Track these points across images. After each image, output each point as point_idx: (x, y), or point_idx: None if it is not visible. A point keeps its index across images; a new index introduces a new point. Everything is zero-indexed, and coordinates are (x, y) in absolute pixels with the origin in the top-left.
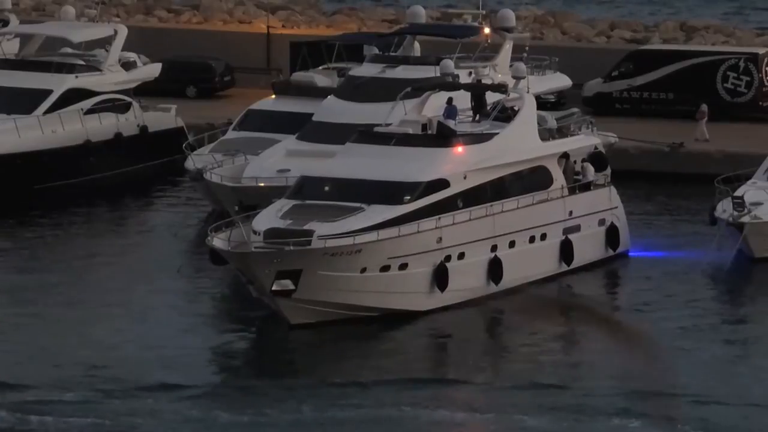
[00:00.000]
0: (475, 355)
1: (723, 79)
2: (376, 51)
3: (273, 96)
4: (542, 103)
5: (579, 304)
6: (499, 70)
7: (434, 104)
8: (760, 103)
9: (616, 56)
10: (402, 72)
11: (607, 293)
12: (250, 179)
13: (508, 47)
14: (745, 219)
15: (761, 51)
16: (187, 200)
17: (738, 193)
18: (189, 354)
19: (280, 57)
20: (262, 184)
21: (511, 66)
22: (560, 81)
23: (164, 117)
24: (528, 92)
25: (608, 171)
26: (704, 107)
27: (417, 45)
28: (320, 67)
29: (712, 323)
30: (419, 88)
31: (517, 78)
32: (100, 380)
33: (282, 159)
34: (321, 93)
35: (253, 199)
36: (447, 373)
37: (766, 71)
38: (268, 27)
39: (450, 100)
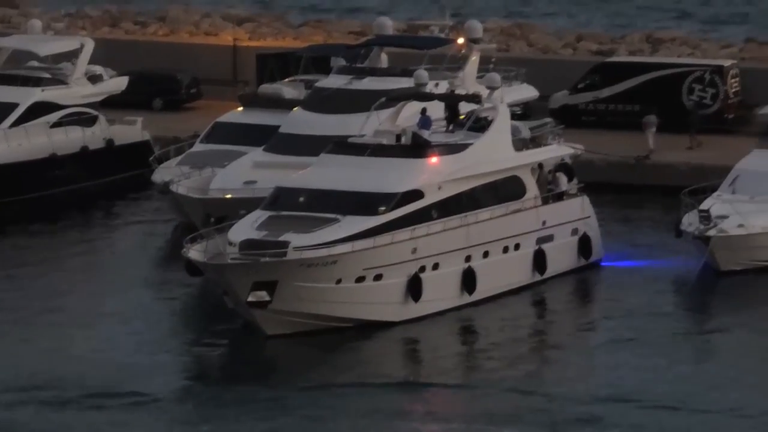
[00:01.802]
0: (450, 364)
1: (689, 91)
2: (343, 62)
3: (240, 108)
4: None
5: (552, 313)
6: (467, 81)
7: (408, 115)
8: (726, 115)
9: (583, 68)
10: (369, 83)
11: (580, 302)
12: (217, 191)
13: (475, 58)
14: (712, 233)
15: (726, 63)
16: (154, 213)
17: (704, 206)
18: (163, 365)
19: (246, 69)
20: (229, 196)
21: (481, 77)
22: (527, 92)
23: (130, 130)
24: (502, 102)
25: (575, 182)
26: (651, 118)
27: (384, 56)
28: (287, 79)
29: (681, 333)
30: (393, 99)
31: (491, 88)
32: (68, 391)
33: (249, 171)
34: (288, 105)
35: (220, 211)
36: (422, 381)
37: (731, 83)
38: (234, 39)
39: (424, 111)
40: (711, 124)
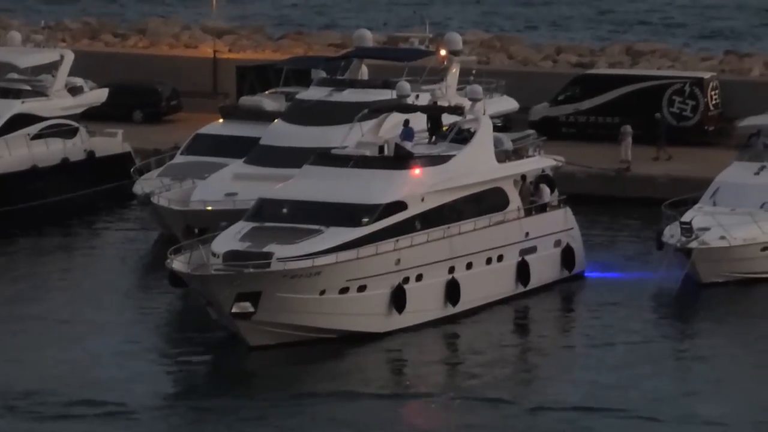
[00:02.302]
0: (433, 375)
1: (669, 104)
2: (323, 74)
3: (220, 120)
4: None
5: (535, 324)
6: (447, 93)
7: (390, 126)
8: (706, 127)
9: (563, 80)
10: (349, 95)
11: (563, 314)
12: (197, 203)
13: (455, 71)
14: (693, 245)
15: (706, 75)
16: (135, 225)
17: (685, 218)
18: (145, 376)
19: (226, 81)
20: (209, 208)
21: (461, 89)
22: (507, 104)
23: (111, 142)
24: (484, 114)
25: (556, 193)
26: (627, 128)
27: (364, 68)
28: (267, 91)
29: (663, 345)
30: (376, 110)
31: (474, 100)
32: (46, 403)
33: (229, 183)
34: (268, 117)
35: (200, 223)
36: (406, 392)
37: (711, 95)
38: (214, 51)
39: (406, 122)
40: (691, 137)
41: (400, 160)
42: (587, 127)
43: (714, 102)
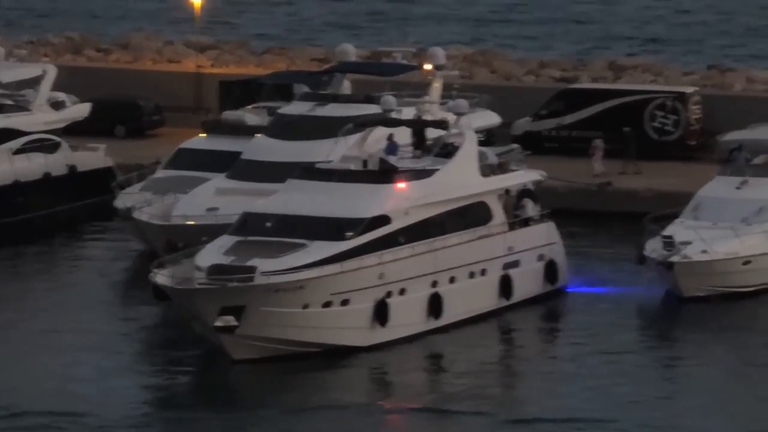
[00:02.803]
0: (416, 389)
1: (651, 118)
2: (306, 89)
3: (203, 135)
4: None
5: (518, 338)
6: (430, 107)
7: (375, 140)
8: (688, 141)
9: (545, 95)
10: (332, 110)
11: (546, 328)
12: (179, 217)
13: (438, 85)
14: (675, 258)
15: (689, 90)
16: (116, 240)
17: (667, 232)
18: (127, 390)
19: (209, 96)
20: (191, 223)
21: (443, 103)
22: (489, 119)
23: (93, 157)
24: (469, 128)
25: (537, 208)
26: (598, 142)
27: (347, 83)
28: (250, 106)
29: (645, 358)
30: (360, 124)
31: (459, 114)
32: (26, 416)
33: (211, 197)
34: (251, 131)
35: (182, 238)
36: (388, 405)
37: (693, 110)
38: (197, 66)
39: (391, 137)
40: (673, 151)
41: (385, 174)
42: (570, 141)
43: (696, 116)
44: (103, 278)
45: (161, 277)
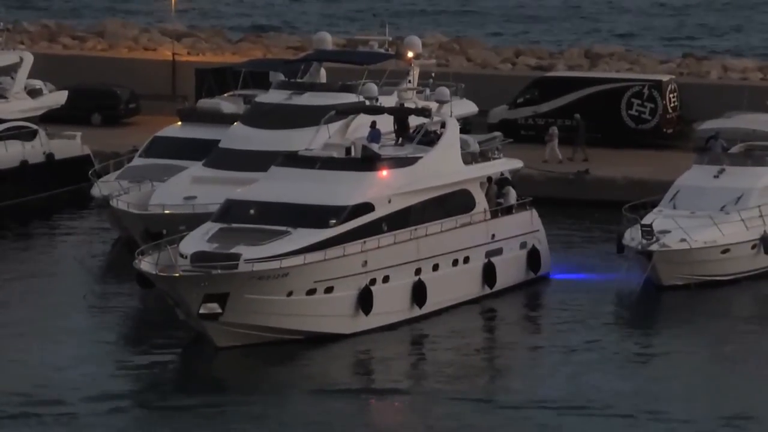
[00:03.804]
0: (400, 376)
1: (627, 106)
2: (282, 77)
3: (179, 123)
4: None
5: (502, 325)
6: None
7: (357, 128)
8: (665, 130)
9: (521, 83)
10: (309, 99)
11: (529, 315)
12: (156, 206)
13: (414, 74)
14: (654, 247)
15: (665, 78)
16: (93, 228)
17: (646, 221)
18: (109, 378)
19: (185, 84)
20: (168, 211)
21: (420, 92)
22: (466, 107)
23: (70, 144)
24: (451, 116)
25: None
26: (554, 129)
27: (323, 71)
28: (226, 94)
29: (624, 344)
30: (342, 112)
31: (441, 102)
32: (11, 406)
33: (188, 186)
34: (227, 120)
35: (159, 226)
36: (372, 392)
37: (670, 98)
38: (173, 54)
39: (374, 124)
40: (650, 139)
41: (367, 161)
42: (546, 129)
43: (672, 105)
44: (80, 266)
45: (145, 264)
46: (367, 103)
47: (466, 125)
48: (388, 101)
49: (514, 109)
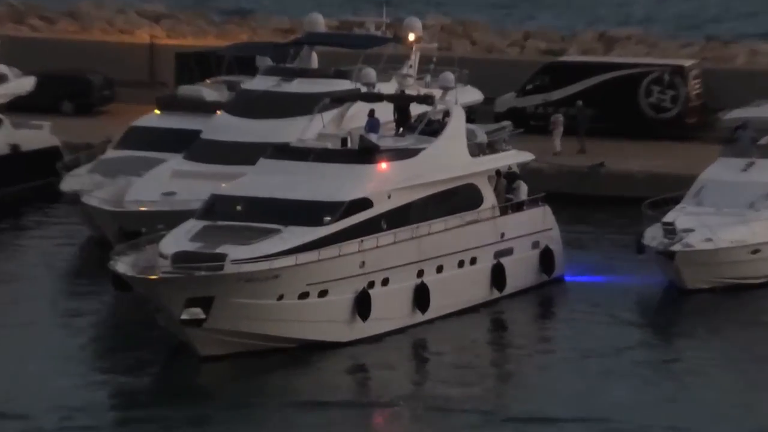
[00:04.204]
0: (400, 387)
1: (646, 94)
2: (270, 62)
3: (157, 111)
4: None
5: (511, 333)
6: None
7: (354, 117)
8: (687, 119)
9: (531, 69)
10: (299, 85)
11: (542, 321)
12: (132, 203)
13: (414, 58)
14: (677, 247)
15: (687, 63)
16: (62, 226)
17: (668, 218)
18: (83, 389)
19: (164, 69)
20: (145, 209)
21: (420, 79)
22: (470, 95)
23: (38, 135)
24: (456, 104)
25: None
26: (558, 117)
27: (315, 56)
28: (209, 81)
29: (643, 354)
30: (338, 99)
31: (445, 88)
32: None
33: (167, 181)
34: (210, 108)
35: (135, 225)
36: (370, 405)
37: (692, 85)
38: (151, 37)
39: (372, 113)
40: (671, 130)
41: (365, 153)
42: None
43: (696, 92)
44: (48, 268)
45: (121, 265)
46: (365, 89)
47: (471, 115)
48: (388, 88)
49: (523, 97)
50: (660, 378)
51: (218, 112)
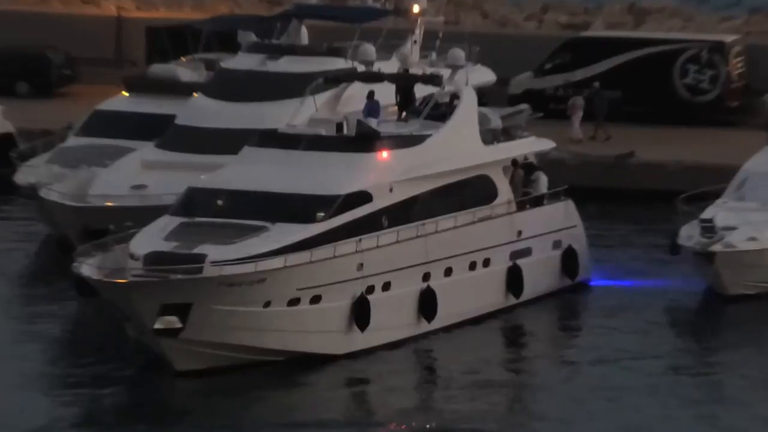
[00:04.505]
0: (403, 406)
1: (681, 74)
2: (254, 38)
3: (125, 93)
4: None
5: (529, 345)
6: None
7: (351, 99)
8: (728, 102)
9: (550, 45)
10: (287, 64)
11: (564, 332)
12: (97, 197)
13: (418, 33)
14: (717, 247)
15: (728, 39)
16: (17, 223)
17: (706, 215)
18: (42, 408)
19: (133, 46)
20: (111, 204)
21: (425, 56)
22: (482, 75)
23: None
24: (467, 85)
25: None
26: (577, 100)
27: (305, 31)
28: (184, 59)
29: (680, 369)
30: (332, 80)
31: (454, 67)
32: None
33: (137, 172)
34: (185, 90)
35: (101, 223)
36: (365, 422)
37: (734, 64)
38: (118, 9)
39: (371, 95)
40: (709, 115)
41: (363, 141)
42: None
43: (738, 71)
44: (1, 272)
45: (87, 268)
46: (362, 68)
47: (483, 97)
48: (389, 67)
49: (541, 78)
50: (697, 396)
51: (195, 94)
